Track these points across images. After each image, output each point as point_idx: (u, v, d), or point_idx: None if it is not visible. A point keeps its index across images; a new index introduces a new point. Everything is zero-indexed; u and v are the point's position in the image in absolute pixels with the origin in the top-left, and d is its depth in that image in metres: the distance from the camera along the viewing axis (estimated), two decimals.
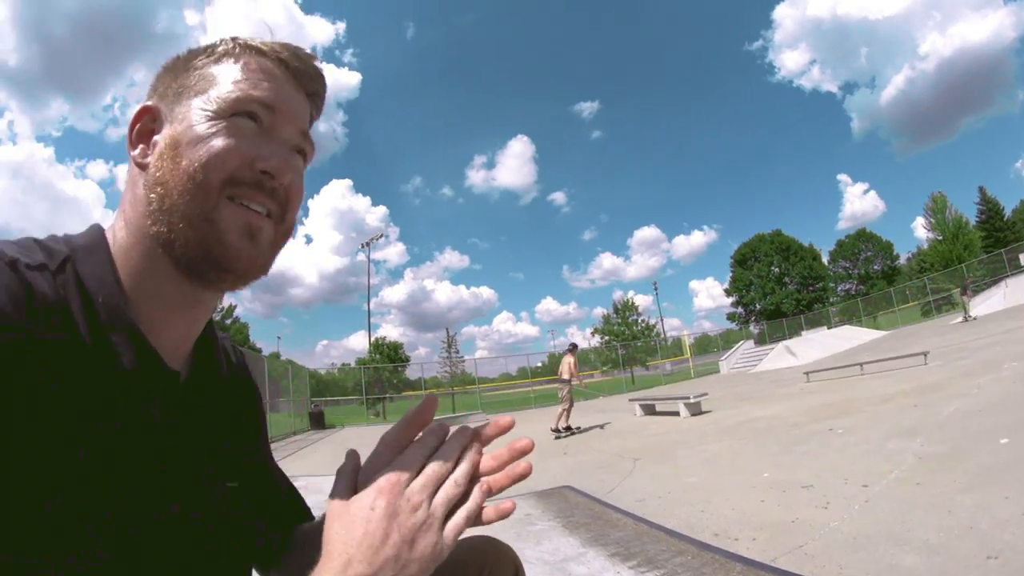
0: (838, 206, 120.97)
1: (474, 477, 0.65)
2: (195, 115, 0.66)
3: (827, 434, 7.25)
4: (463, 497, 0.63)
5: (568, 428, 12.33)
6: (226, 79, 0.68)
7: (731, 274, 67.52)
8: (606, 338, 50.66)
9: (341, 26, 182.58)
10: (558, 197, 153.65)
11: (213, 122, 0.65)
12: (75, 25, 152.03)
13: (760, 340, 45.53)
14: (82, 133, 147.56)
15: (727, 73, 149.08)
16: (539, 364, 45.84)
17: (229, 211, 0.64)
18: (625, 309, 52.63)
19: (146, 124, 0.70)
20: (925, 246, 53.61)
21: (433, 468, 0.62)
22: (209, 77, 0.69)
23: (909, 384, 10.12)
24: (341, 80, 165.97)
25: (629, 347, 45.00)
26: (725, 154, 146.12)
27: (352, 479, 0.63)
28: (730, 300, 67.80)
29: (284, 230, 0.71)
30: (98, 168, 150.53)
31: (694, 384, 27.13)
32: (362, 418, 31.84)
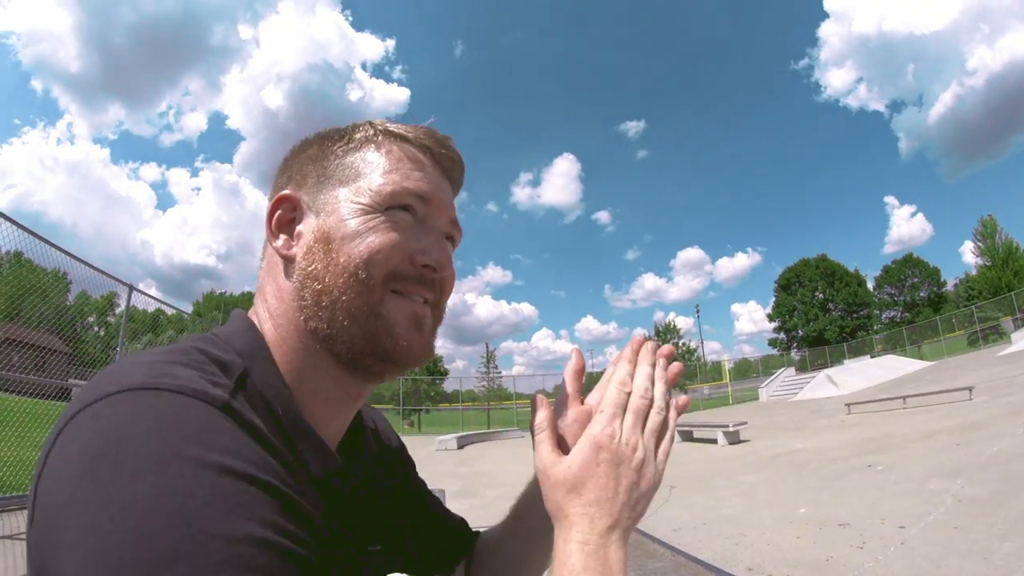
0: (885, 229, 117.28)
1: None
2: (345, 208, 0.65)
3: (866, 471, 7.23)
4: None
5: None
6: (374, 169, 0.67)
7: (774, 299, 66.43)
8: None
9: (391, 43, 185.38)
10: (603, 216, 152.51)
11: (368, 216, 0.64)
12: (134, 36, 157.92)
13: (801, 367, 44.51)
14: (137, 137, 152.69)
15: (773, 93, 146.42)
16: None
17: (395, 304, 0.64)
18: (666, 331, 52.24)
19: (286, 213, 0.68)
20: (973, 272, 51.67)
21: (637, 404, 0.64)
22: (353, 166, 0.67)
23: (952, 421, 9.95)
24: (390, 96, 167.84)
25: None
26: (771, 175, 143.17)
27: (553, 436, 0.66)
28: (772, 325, 66.76)
29: (438, 315, 0.71)
30: (151, 171, 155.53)
31: (732, 411, 26.81)
32: (396, 428, 32.08)
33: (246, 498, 0.43)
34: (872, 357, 36.86)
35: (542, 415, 0.67)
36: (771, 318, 66.69)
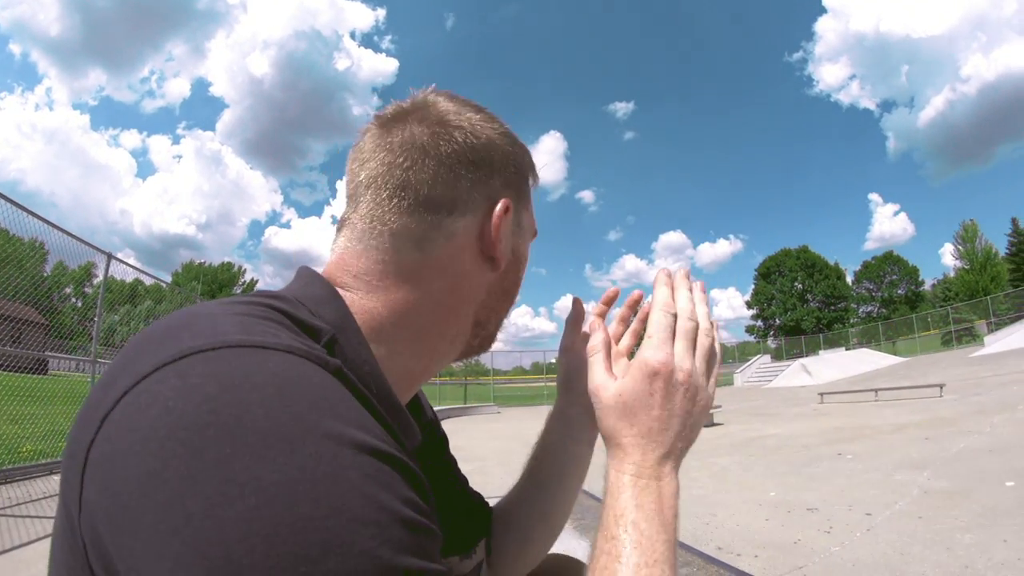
0: (867, 226, 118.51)
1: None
2: (526, 233, 0.71)
3: (836, 459, 7.35)
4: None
5: None
6: (531, 202, 0.72)
7: (754, 287, 67.32)
8: None
9: (381, 12, 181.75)
10: (586, 195, 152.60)
11: (528, 245, 0.72)
12: None
13: (777, 355, 45.25)
14: (118, 103, 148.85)
15: (764, 83, 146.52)
16: (554, 360, 45.84)
17: None
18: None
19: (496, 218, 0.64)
20: (952, 274, 52.60)
21: (686, 327, 0.62)
22: (529, 194, 0.71)
23: (922, 416, 10.12)
24: (378, 67, 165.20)
25: None
26: (757, 164, 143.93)
27: (608, 357, 0.67)
28: (750, 313, 67.64)
29: None
30: (131, 138, 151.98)
31: None
32: None
33: (386, 477, 0.39)
34: (847, 349, 37.46)
35: (598, 337, 0.69)
36: (749, 305, 67.76)
